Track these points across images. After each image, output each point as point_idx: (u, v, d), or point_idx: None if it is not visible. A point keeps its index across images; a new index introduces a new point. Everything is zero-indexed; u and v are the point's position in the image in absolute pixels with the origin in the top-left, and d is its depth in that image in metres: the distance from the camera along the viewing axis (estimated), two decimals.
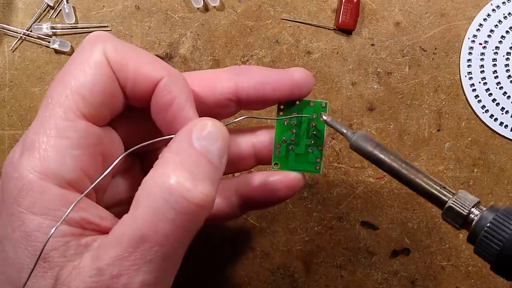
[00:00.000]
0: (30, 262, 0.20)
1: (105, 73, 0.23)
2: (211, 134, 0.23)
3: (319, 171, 0.29)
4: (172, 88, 0.24)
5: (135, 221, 0.21)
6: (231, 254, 0.41)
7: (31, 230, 0.20)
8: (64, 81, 0.22)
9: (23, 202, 0.21)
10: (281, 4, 0.40)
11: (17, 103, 0.40)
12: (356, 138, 0.26)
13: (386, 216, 0.41)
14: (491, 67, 0.41)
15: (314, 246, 0.41)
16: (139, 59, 0.24)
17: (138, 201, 0.21)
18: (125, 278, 0.20)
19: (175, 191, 0.21)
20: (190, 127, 0.23)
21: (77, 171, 0.22)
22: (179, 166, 0.21)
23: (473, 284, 0.41)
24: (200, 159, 0.22)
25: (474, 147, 0.41)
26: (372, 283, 0.41)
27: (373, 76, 0.41)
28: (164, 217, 0.20)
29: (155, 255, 0.20)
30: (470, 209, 0.23)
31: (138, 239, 0.20)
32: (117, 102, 0.24)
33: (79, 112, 0.22)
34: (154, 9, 0.40)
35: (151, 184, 0.21)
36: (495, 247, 0.22)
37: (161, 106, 0.24)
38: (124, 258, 0.20)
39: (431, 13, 0.41)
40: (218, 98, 0.26)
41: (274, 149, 0.28)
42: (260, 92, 0.26)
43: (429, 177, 0.25)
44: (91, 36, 0.24)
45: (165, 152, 0.22)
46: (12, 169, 0.21)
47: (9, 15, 0.40)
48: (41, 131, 0.22)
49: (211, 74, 0.27)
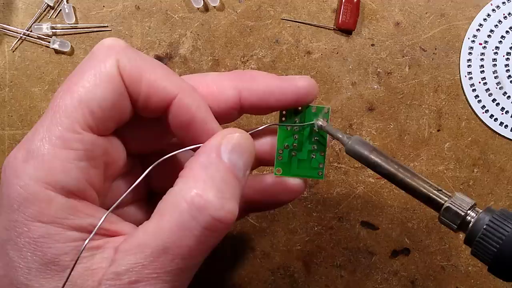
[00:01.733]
0: (38, 266, 0.20)
1: (116, 88, 0.22)
2: (239, 147, 0.23)
3: (322, 177, 0.29)
4: (191, 104, 0.24)
5: (160, 232, 0.21)
6: (231, 254, 0.41)
7: (39, 237, 0.21)
8: (73, 90, 0.22)
9: (28, 211, 0.21)
10: (281, 4, 0.40)
11: (17, 103, 0.40)
12: (352, 142, 0.26)
13: (386, 216, 0.41)
14: (491, 67, 0.41)
15: (314, 246, 0.41)
16: (153, 74, 0.23)
17: (164, 211, 0.22)
18: (143, 284, 0.20)
19: (203, 209, 0.21)
20: (218, 138, 0.23)
21: (82, 182, 0.22)
22: (209, 183, 0.22)
23: (473, 284, 0.41)
24: (228, 175, 0.22)
25: (474, 147, 0.41)
26: (372, 283, 0.41)
27: (373, 76, 0.41)
28: (190, 232, 0.21)
29: (176, 267, 0.21)
30: (467, 211, 0.24)
31: (161, 250, 0.21)
32: (125, 114, 0.24)
33: (86, 124, 0.22)
34: (154, 9, 0.40)
35: (179, 197, 0.22)
36: (492, 248, 0.22)
37: (182, 123, 0.24)
38: (144, 267, 0.20)
39: (431, 13, 0.41)
40: (222, 107, 0.26)
41: (277, 155, 0.28)
42: (264, 102, 0.26)
43: (426, 180, 0.25)
44: (105, 44, 0.23)
45: (193, 164, 0.23)
46: (15, 176, 0.21)
47: (9, 15, 0.40)
48: (47, 140, 0.21)
49: (214, 81, 0.26)
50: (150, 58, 0.24)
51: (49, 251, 0.20)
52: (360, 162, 0.26)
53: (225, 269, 0.41)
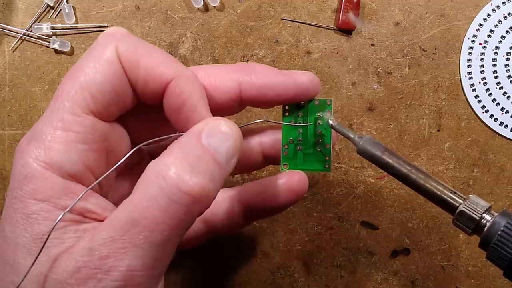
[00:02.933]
0: (26, 241, 0.21)
1: (115, 72, 0.23)
2: (222, 134, 0.23)
3: (329, 170, 0.28)
4: (183, 89, 0.24)
5: (129, 205, 0.21)
6: (231, 254, 0.41)
7: (31, 213, 0.21)
8: (75, 76, 0.23)
9: (26, 188, 0.21)
10: (281, 4, 0.40)
11: (17, 103, 0.40)
12: (364, 142, 0.26)
13: (386, 216, 0.41)
14: (491, 67, 0.41)
15: (314, 246, 0.41)
16: (151, 59, 0.24)
17: (136, 187, 0.22)
18: (113, 260, 0.20)
19: (170, 179, 0.21)
20: (201, 124, 0.23)
21: (81, 165, 0.22)
22: (181, 158, 0.22)
23: (473, 284, 0.41)
24: (204, 155, 0.22)
25: (474, 147, 0.41)
26: (372, 283, 0.41)
27: (373, 76, 0.41)
28: (156, 203, 0.21)
29: (144, 241, 0.20)
30: (482, 214, 0.23)
31: (129, 223, 0.20)
32: (126, 99, 0.24)
33: (87, 108, 0.22)
34: (154, 9, 0.40)
35: (150, 171, 0.22)
36: (508, 254, 0.22)
37: (173, 107, 0.24)
38: (114, 241, 0.20)
39: (431, 13, 0.41)
40: (222, 99, 0.26)
41: (282, 150, 0.28)
42: (264, 96, 0.26)
43: (439, 182, 0.25)
44: (107, 32, 0.24)
45: (172, 145, 0.23)
46: (20, 156, 0.22)
47: (9, 15, 0.40)
48: (49, 122, 0.22)
49: (216, 73, 0.26)
50: (150, 45, 0.24)
51: (38, 228, 0.21)
52: (372, 162, 0.26)
53: (225, 269, 0.41)
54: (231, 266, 0.41)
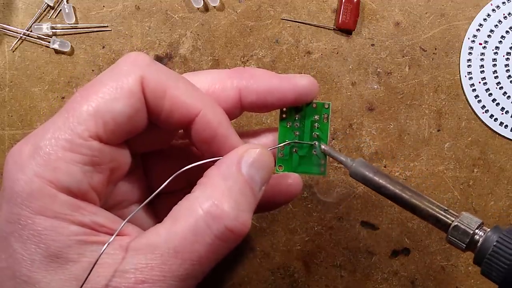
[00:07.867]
0: (42, 258, 0.21)
1: (135, 104, 0.22)
2: (259, 162, 0.24)
3: (324, 173, 0.29)
4: (212, 120, 0.24)
5: (173, 236, 0.21)
6: (231, 254, 0.41)
7: (43, 229, 0.21)
8: (92, 99, 0.22)
9: (32, 206, 0.21)
10: (281, 4, 0.40)
11: (17, 103, 0.40)
12: (356, 165, 0.27)
13: (386, 216, 0.41)
14: (491, 67, 0.41)
15: (314, 246, 0.41)
16: (176, 90, 0.23)
17: (178, 216, 0.22)
18: (148, 286, 0.21)
19: (219, 218, 0.22)
20: (240, 152, 0.24)
21: (84, 184, 0.22)
22: (227, 194, 0.22)
23: (473, 284, 0.41)
24: (245, 188, 0.23)
25: (474, 147, 0.41)
26: (372, 283, 0.41)
27: (373, 76, 0.41)
28: (202, 239, 0.21)
29: (184, 272, 0.21)
30: (475, 230, 0.24)
31: (172, 254, 0.21)
32: (138, 128, 0.24)
33: (97, 135, 0.22)
34: (154, 9, 0.40)
35: (196, 204, 0.22)
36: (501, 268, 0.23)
37: (204, 139, 0.24)
38: (152, 268, 0.21)
39: (431, 13, 0.41)
40: (223, 106, 0.26)
41: (278, 151, 0.28)
42: (263, 101, 0.26)
43: (431, 201, 0.25)
44: (131, 57, 0.23)
45: (213, 174, 0.23)
46: (20, 170, 0.21)
47: (9, 15, 0.40)
48: (57, 140, 0.21)
49: (216, 81, 0.26)
50: (173, 72, 0.24)
51: (52, 244, 0.21)
52: (365, 184, 0.27)
53: (225, 269, 0.41)
54: (231, 266, 0.41)
